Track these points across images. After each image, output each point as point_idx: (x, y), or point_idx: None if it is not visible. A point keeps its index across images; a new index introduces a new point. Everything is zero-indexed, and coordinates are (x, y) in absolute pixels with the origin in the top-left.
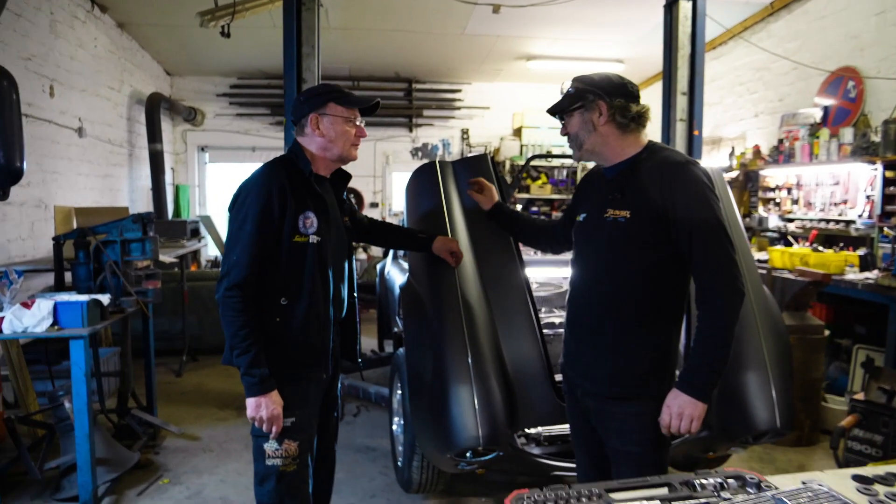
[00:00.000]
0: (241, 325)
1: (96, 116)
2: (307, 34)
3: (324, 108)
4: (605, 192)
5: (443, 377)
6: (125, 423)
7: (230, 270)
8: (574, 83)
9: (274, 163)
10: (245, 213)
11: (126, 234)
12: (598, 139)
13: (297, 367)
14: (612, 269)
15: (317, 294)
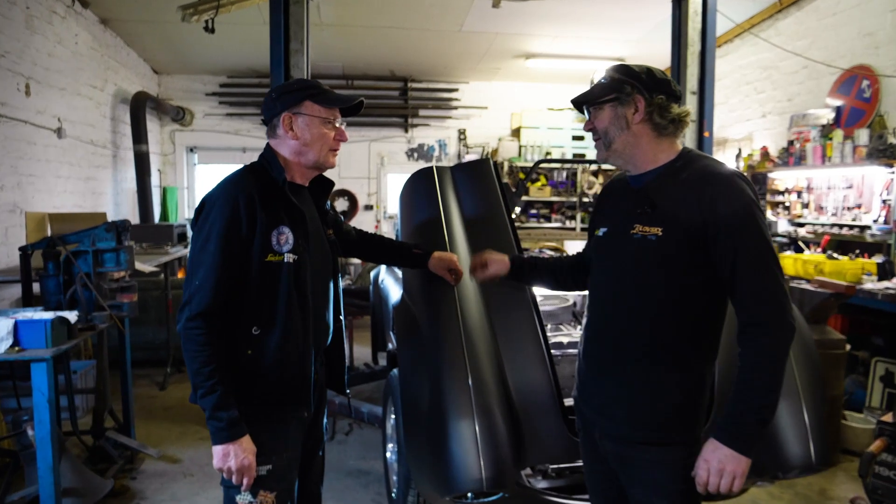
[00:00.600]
0: (205, 360)
1: (77, 116)
2: (295, 29)
3: (298, 106)
4: (631, 204)
5: (441, 410)
6: (100, 445)
7: (192, 297)
8: (610, 72)
9: (243, 171)
10: (208, 230)
11: (99, 244)
12: (629, 139)
13: (273, 407)
14: (637, 293)
15: (294, 321)
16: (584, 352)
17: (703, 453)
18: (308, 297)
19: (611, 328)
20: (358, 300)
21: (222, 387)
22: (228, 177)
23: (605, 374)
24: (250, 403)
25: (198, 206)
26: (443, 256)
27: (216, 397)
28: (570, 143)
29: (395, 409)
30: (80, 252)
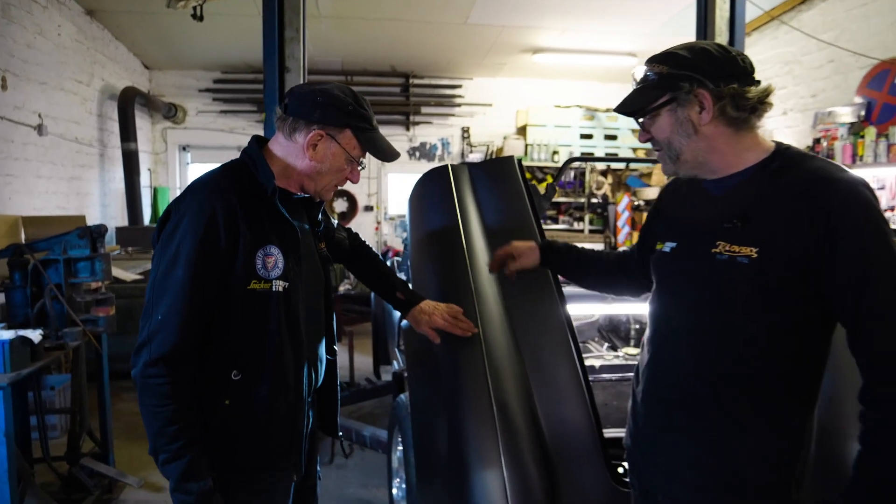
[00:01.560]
0: (170, 417)
1: (60, 112)
2: (291, 16)
3: (338, 130)
4: (712, 215)
5: (463, 455)
6: (74, 473)
7: (152, 336)
8: (655, 66)
9: (221, 172)
10: (176, 249)
11: (71, 252)
12: (702, 145)
13: (256, 471)
14: (719, 329)
15: (285, 364)
16: (643, 394)
17: None
18: (301, 332)
19: (681, 370)
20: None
21: (192, 452)
22: (202, 178)
23: (672, 426)
24: (227, 467)
25: (162, 215)
26: (432, 309)
27: (184, 465)
28: (579, 141)
29: (402, 440)
30: (50, 261)
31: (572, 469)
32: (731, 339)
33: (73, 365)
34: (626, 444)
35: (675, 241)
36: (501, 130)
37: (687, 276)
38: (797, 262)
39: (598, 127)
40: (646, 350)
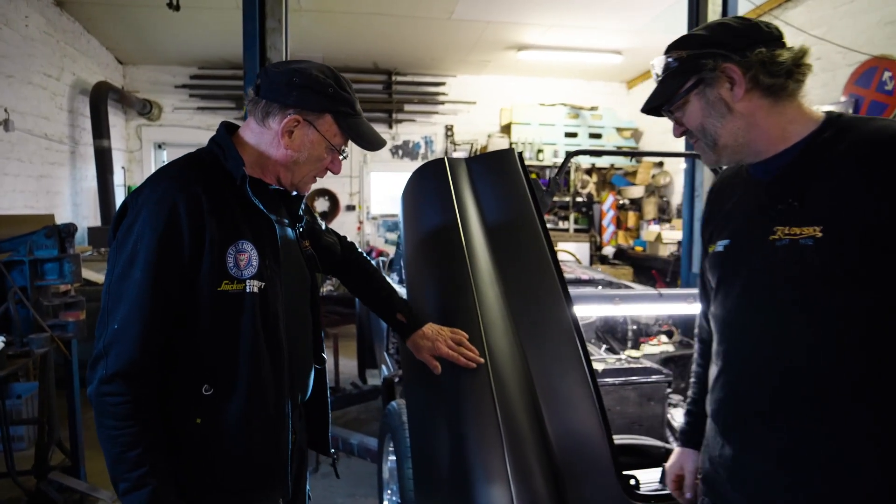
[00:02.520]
0: (130, 441)
1: (28, 107)
2: (273, 5)
3: (316, 116)
4: (762, 200)
5: (466, 469)
6: (42, 488)
7: (108, 348)
8: (674, 52)
9: (184, 162)
10: (132, 250)
11: (38, 252)
12: (739, 124)
13: (235, 494)
14: (800, 324)
15: (263, 374)
16: (717, 409)
17: None
18: (281, 339)
19: (764, 378)
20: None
21: (156, 479)
22: (163, 168)
23: (760, 444)
24: (204, 492)
25: (118, 211)
26: (435, 334)
27: (147, 494)
28: (563, 139)
29: (395, 450)
30: (14, 262)
31: (582, 482)
32: (816, 334)
33: (41, 373)
34: (705, 467)
35: (729, 238)
36: (485, 128)
37: (746, 271)
38: (870, 233)
39: (583, 125)
40: (715, 362)
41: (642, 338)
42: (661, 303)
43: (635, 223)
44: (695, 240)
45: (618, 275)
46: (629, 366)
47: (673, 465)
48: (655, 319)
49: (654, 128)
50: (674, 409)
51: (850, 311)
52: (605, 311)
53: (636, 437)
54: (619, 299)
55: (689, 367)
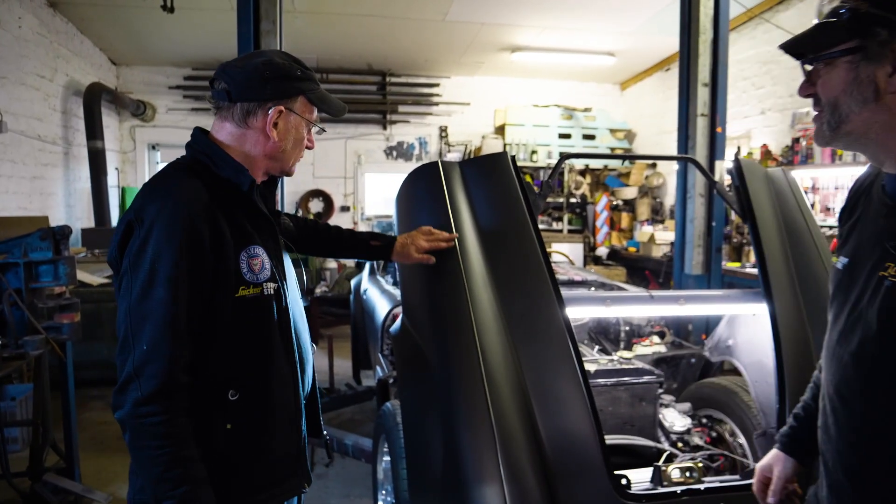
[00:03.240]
0: (172, 459)
1: (21, 108)
2: (267, 7)
3: (292, 101)
4: (884, 226)
5: (459, 471)
6: (37, 489)
7: (140, 369)
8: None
9: (181, 173)
10: (150, 269)
11: (32, 255)
12: (879, 117)
13: (264, 493)
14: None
15: (283, 373)
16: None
17: None
18: (293, 336)
19: (855, 419)
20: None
21: (201, 492)
22: (160, 183)
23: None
24: (237, 495)
25: (121, 232)
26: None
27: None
28: (557, 141)
29: (389, 450)
30: (9, 264)
31: (574, 481)
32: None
33: (36, 375)
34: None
35: (849, 257)
36: (479, 130)
37: (853, 301)
38: None
39: (577, 126)
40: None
41: (635, 339)
42: (652, 304)
43: (629, 224)
44: (687, 241)
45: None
46: (621, 367)
47: (764, 465)
48: (647, 320)
49: (648, 129)
50: (665, 409)
51: None
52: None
53: (628, 437)
54: (611, 301)
55: (680, 367)
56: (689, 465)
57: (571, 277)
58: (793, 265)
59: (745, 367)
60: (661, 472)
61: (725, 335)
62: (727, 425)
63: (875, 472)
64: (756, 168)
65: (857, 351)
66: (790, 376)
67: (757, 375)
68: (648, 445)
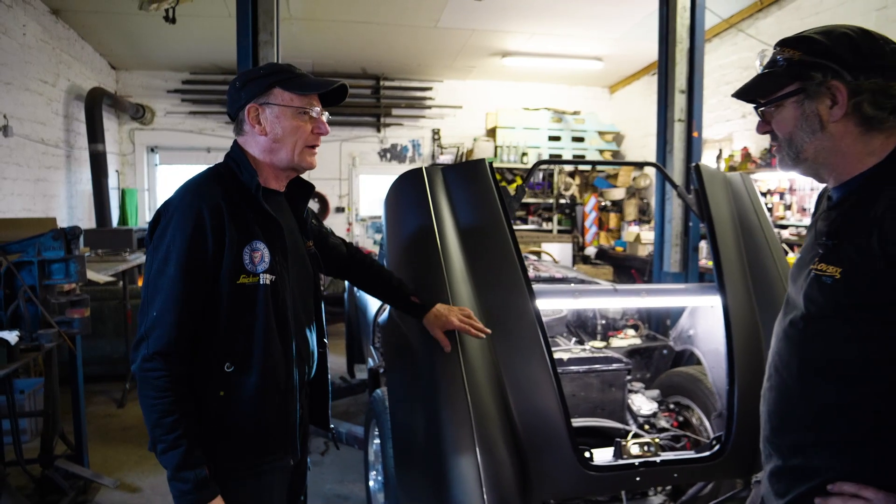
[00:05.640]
0: (167, 409)
1: (25, 113)
2: (265, 20)
3: (266, 95)
4: (821, 227)
5: (439, 443)
6: (48, 475)
7: (149, 332)
8: (786, 50)
9: (207, 175)
10: (167, 249)
11: (45, 254)
12: (826, 144)
13: (252, 457)
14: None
15: (275, 353)
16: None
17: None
18: (289, 323)
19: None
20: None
21: (188, 441)
22: (189, 181)
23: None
24: (226, 456)
25: (153, 217)
26: (445, 313)
27: (180, 454)
28: (547, 143)
29: (379, 434)
30: (23, 263)
31: (543, 454)
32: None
33: (47, 367)
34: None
35: (800, 254)
36: (471, 132)
37: (793, 291)
38: (876, 286)
39: (566, 129)
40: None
41: (611, 332)
42: (616, 297)
43: (616, 224)
44: (665, 240)
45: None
46: (592, 355)
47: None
48: (623, 314)
49: (636, 132)
50: (634, 394)
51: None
52: (567, 304)
53: (598, 420)
54: (578, 293)
55: (653, 358)
56: (647, 441)
57: (553, 275)
58: (746, 261)
59: (704, 354)
60: (622, 448)
61: (687, 326)
62: (693, 410)
63: (790, 426)
64: (715, 173)
65: (787, 328)
66: (739, 362)
67: (714, 362)
68: (617, 427)
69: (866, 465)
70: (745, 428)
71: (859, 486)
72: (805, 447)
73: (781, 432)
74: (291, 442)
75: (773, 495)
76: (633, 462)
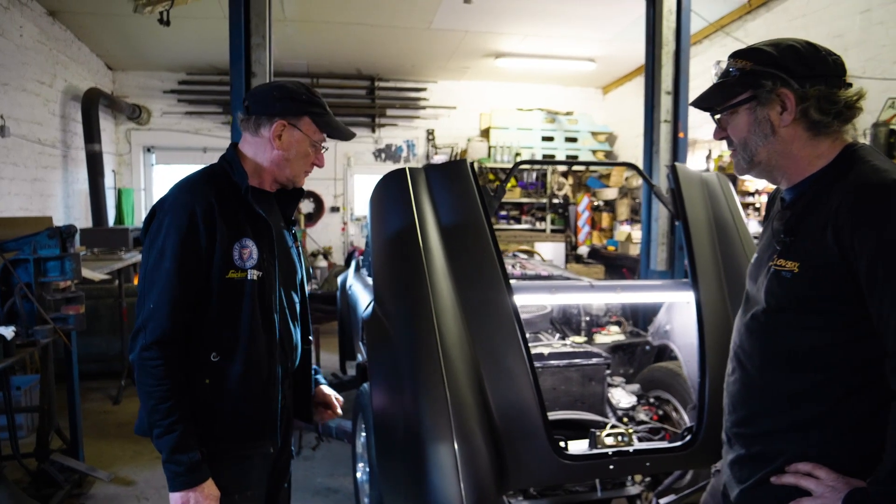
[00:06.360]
0: (164, 395)
1: (23, 114)
2: (257, 23)
3: (297, 119)
4: (777, 226)
5: (418, 431)
6: (44, 469)
7: (146, 322)
8: (738, 61)
9: (201, 174)
10: (162, 245)
11: (41, 252)
12: (777, 147)
13: (234, 443)
14: (761, 348)
15: (259, 345)
16: (726, 392)
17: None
18: (274, 318)
19: (745, 375)
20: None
21: (182, 425)
22: (183, 180)
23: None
24: (209, 440)
25: (148, 214)
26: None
27: (175, 438)
28: (540, 143)
29: (366, 426)
30: (19, 261)
31: (519, 444)
32: (767, 360)
33: (42, 363)
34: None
35: (757, 252)
36: (465, 132)
37: (753, 287)
38: (831, 278)
39: (559, 129)
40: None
41: (594, 328)
42: (592, 292)
43: (609, 223)
44: (652, 239)
45: (590, 273)
46: (572, 350)
47: None
48: (606, 311)
49: (628, 132)
50: (614, 388)
51: (810, 348)
52: (544, 299)
53: (578, 412)
54: (556, 289)
55: (636, 354)
56: (621, 432)
57: (539, 272)
58: (720, 258)
59: (680, 349)
60: (597, 438)
61: (664, 321)
62: (672, 404)
63: (753, 415)
64: (692, 173)
65: (749, 322)
66: (711, 356)
67: (689, 356)
68: (595, 420)
69: (821, 447)
70: (715, 419)
71: (813, 466)
72: (767, 434)
73: (745, 421)
74: (272, 430)
75: (734, 482)
76: (606, 451)
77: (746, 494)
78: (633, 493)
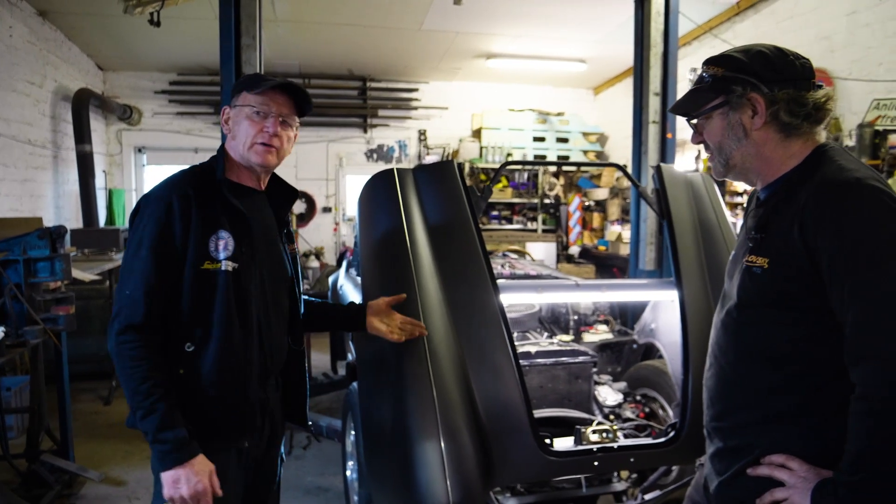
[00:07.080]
0: (142, 376)
1: (13, 114)
2: (247, 24)
3: (235, 98)
4: (752, 224)
5: (405, 429)
6: (34, 469)
7: (122, 308)
8: (711, 68)
9: (185, 171)
10: (140, 235)
11: (31, 252)
12: (751, 150)
13: (207, 433)
14: (735, 341)
15: (232, 336)
16: (706, 387)
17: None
18: (251, 311)
19: (721, 369)
20: None
21: (164, 403)
22: (167, 178)
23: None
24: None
25: (134, 208)
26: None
27: (158, 416)
28: (532, 144)
29: (355, 425)
30: (9, 261)
31: (505, 440)
32: (740, 353)
33: (32, 364)
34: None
35: (734, 250)
36: (457, 133)
37: (730, 284)
38: (799, 273)
39: (551, 130)
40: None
41: (583, 327)
42: (578, 291)
43: (600, 224)
44: (641, 238)
45: (581, 273)
46: (559, 348)
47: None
48: (594, 310)
49: (619, 132)
50: (601, 386)
51: (773, 341)
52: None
53: (564, 410)
54: (542, 288)
55: (623, 352)
56: (606, 428)
57: (528, 272)
58: (704, 257)
59: (664, 347)
60: (581, 435)
61: (650, 320)
62: (659, 401)
63: (729, 409)
64: (677, 174)
65: (724, 318)
66: (694, 353)
67: (673, 354)
68: (581, 417)
69: (794, 439)
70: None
71: (786, 457)
72: (743, 427)
73: (722, 416)
74: (249, 423)
75: (714, 475)
76: (591, 448)
77: (724, 486)
78: (619, 490)
